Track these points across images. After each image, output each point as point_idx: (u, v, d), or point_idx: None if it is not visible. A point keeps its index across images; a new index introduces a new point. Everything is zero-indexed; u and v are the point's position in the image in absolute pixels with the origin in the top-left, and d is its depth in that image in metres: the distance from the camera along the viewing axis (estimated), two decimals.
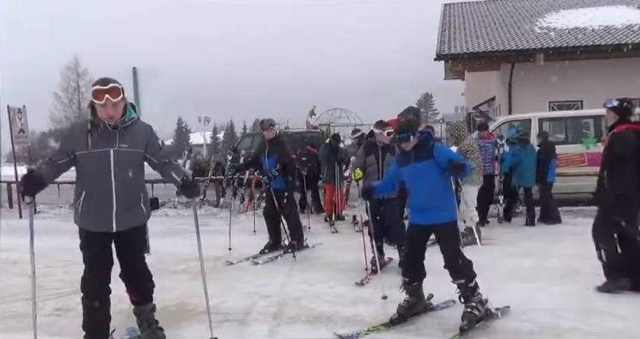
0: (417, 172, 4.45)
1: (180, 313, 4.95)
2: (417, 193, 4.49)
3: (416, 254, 4.57)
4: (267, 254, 7.25)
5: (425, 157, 4.41)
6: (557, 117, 13.21)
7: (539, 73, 18.26)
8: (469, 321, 4.20)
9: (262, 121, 7.65)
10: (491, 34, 20.23)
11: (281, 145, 7.55)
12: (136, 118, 3.89)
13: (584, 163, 11.28)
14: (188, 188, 3.86)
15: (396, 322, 4.42)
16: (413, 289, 4.60)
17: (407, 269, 4.64)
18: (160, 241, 7.26)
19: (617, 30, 18.81)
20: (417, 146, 4.48)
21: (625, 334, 4.11)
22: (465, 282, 4.33)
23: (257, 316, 4.78)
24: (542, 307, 4.75)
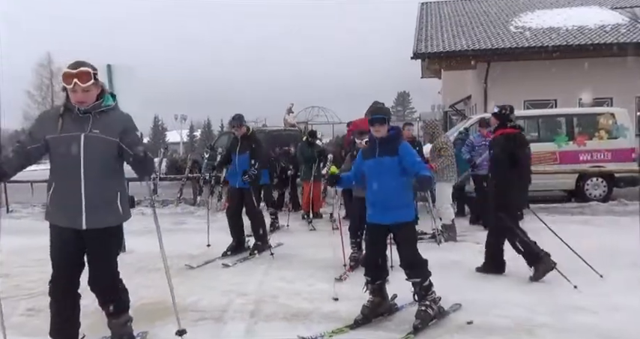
0: (379, 167, 4.39)
1: (156, 312, 4.91)
2: (377, 190, 4.41)
3: (377, 253, 4.53)
4: (230, 257, 7.01)
5: (390, 153, 4.36)
6: (531, 115, 13.39)
7: (515, 72, 18.51)
8: (423, 320, 4.23)
9: (232, 117, 7.43)
10: (467, 33, 20.44)
11: (255, 142, 7.35)
12: (113, 106, 3.64)
13: (557, 161, 11.50)
14: (138, 164, 3.44)
15: (361, 322, 4.38)
16: (376, 288, 4.56)
17: (369, 268, 4.59)
18: (137, 239, 7.19)
19: (591, 30, 19.15)
20: (384, 140, 4.42)
21: (595, 328, 4.20)
22: (420, 281, 4.34)
23: (234, 314, 4.78)
24: (517, 303, 4.84)
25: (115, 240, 3.76)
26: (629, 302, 4.75)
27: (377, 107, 4.53)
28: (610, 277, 5.55)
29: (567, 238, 7.28)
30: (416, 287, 4.37)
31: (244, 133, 7.29)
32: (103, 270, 3.66)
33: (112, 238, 3.70)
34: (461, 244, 7.33)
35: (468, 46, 19.13)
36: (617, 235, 7.67)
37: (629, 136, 11.57)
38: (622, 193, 11.54)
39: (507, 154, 5.68)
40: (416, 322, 4.20)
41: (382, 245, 4.54)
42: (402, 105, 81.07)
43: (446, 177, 7.63)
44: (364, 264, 4.70)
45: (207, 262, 6.75)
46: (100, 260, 3.64)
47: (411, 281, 4.38)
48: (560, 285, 5.29)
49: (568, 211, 10.24)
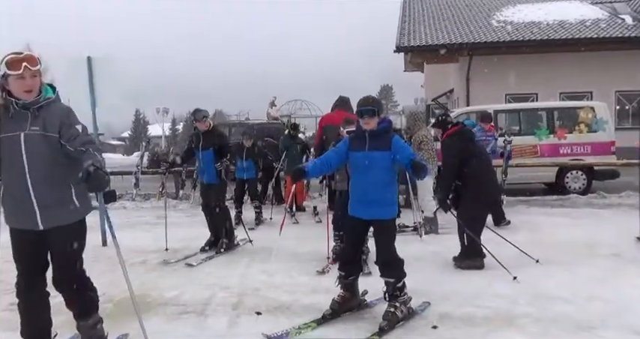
0: (368, 161, 4.18)
1: (139, 306, 4.88)
2: (363, 184, 4.25)
3: (354, 248, 4.44)
4: (203, 254, 6.88)
5: (381, 147, 4.16)
6: (512, 109, 13.52)
7: (497, 66, 18.66)
8: (389, 321, 4.11)
9: (195, 111, 7.13)
10: (449, 27, 20.54)
11: (219, 137, 7.18)
12: (53, 98, 3.36)
13: (537, 154, 11.62)
14: (88, 182, 3.06)
15: (329, 318, 4.31)
16: (348, 283, 4.47)
17: (343, 263, 4.47)
18: (118, 233, 7.00)
19: (571, 25, 19.34)
20: (375, 133, 4.21)
21: (574, 318, 4.26)
22: (394, 281, 4.23)
23: (216, 308, 4.77)
24: (498, 293, 4.89)
25: (77, 237, 3.49)
26: (606, 293, 4.82)
27: (366, 98, 4.34)
28: (588, 268, 5.64)
29: (547, 230, 7.42)
30: (389, 287, 4.26)
31: (207, 128, 7.03)
32: (66, 269, 3.44)
33: (74, 236, 3.46)
34: (442, 237, 7.37)
35: (451, 39, 19.26)
36: (596, 228, 7.78)
37: (608, 130, 11.72)
38: (601, 186, 11.70)
39: (461, 150, 5.87)
40: (382, 324, 4.09)
41: (360, 240, 4.45)
42: (386, 98, 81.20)
43: None
44: (339, 258, 4.57)
45: (187, 257, 6.69)
46: (62, 259, 3.44)
47: (384, 280, 4.29)
48: (541, 277, 5.36)
49: (548, 203, 10.36)
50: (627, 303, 4.54)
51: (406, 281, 4.35)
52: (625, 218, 8.50)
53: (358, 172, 4.30)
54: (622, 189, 11.01)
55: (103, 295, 5.15)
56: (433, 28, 20.56)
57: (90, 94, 7.35)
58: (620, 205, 10.02)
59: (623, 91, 19.08)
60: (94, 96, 7.36)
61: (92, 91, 7.35)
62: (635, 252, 6.28)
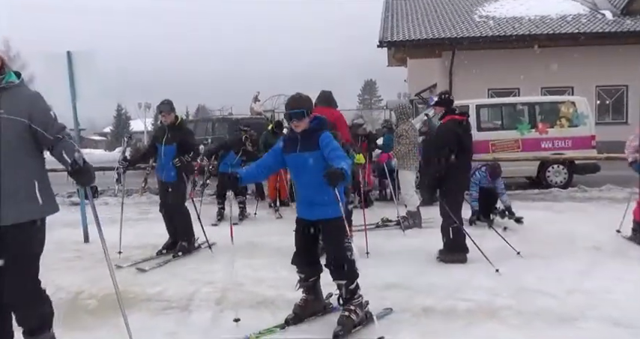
0: (301, 163, 4.04)
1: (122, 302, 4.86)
2: (303, 186, 4.15)
3: (306, 249, 4.22)
4: (158, 258, 6.45)
5: (311, 148, 3.99)
6: (494, 104, 13.61)
7: (479, 61, 18.77)
8: (344, 326, 3.93)
9: (161, 102, 6.69)
10: (432, 22, 20.60)
11: (186, 133, 6.82)
12: (16, 83, 3.15)
13: (519, 148, 11.71)
14: (78, 174, 3.04)
15: (292, 322, 4.15)
16: (310, 286, 4.29)
17: (301, 265, 4.29)
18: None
19: (552, 20, 19.50)
20: (306, 132, 4.04)
21: (555, 310, 4.32)
22: (346, 283, 4.02)
23: (200, 303, 4.76)
24: (480, 286, 4.94)
25: (33, 237, 3.13)
26: (586, 285, 4.89)
27: (294, 100, 4.06)
28: (569, 261, 5.72)
29: (528, 223, 7.50)
30: (341, 289, 4.05)
31: (172, 121, 6.64)
32: (15, 275, 3.05)
33: (29, 236, 3.11)
34: (426, 231, 7.42)
35: (433, 34, 19.32)
36: (577, 221, 7.88)
37: (588, 124, 11.85)
38: (582, 180, 11.83)
39: (456, 139, 5.80)
40: (337, 329, 3.91)
41: (312, 241, 4.23)
42: (369, 93, 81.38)
43: (406, 165, 7.69)
44: (294, 261, 4.32)
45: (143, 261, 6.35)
46: (10, 262, 3.04)
47: (336, 283, 4.09)
48: (523, 270, 5.42)
49: (529, 197, 10.45)
50: (607, 295, 4.61)
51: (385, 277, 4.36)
52: (605, 211, 8.62)
53: (295, 173, 4.21)
54: (602, 183, 11.14)
55: (83, 292, 5.16)
56: (416, 23, 20.61)
57: (70, 88, 7.27)
58: (601, 198, 10.15)
59: (604, 86, 19.32)
60: (75, 91, 7.29)
61: (72, 85, 7.28)
62: (615, 245, 6.38)
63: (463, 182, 5.96)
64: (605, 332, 3.88)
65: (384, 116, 29.75)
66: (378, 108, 48.26)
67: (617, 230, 6.86)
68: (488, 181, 7.62)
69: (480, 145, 11.57)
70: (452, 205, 5.84)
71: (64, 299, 4.96)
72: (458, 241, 5.84)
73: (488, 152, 11.58)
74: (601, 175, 11.83)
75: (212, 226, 8.30)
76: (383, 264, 5.81)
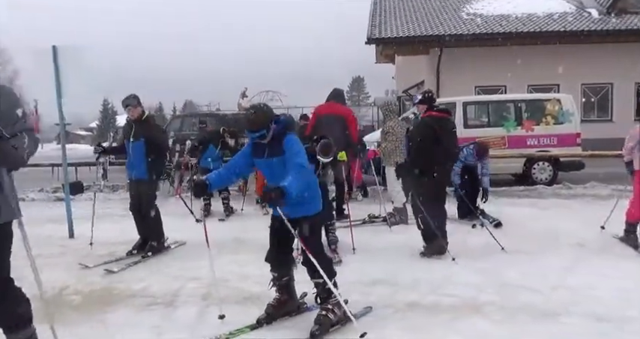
0: (270, 168, 4.02)
1: (105, 298, 4.85)
2: None
3: (280, 247, 4.17)
4: (119, 262, 6.12)
5: (277, 153, 3.93)
6: (480, 101, 13.68)
7: (466, 58, 18.85)
8: (322, 325, 3.89)
9: (126, 97, 6.33)
10: (420, 19, 20.64)
11: (153, 128, 6.46)
12: None
13: (505, 145, 11.79)
14: None
15: (264, 322, 4.08)
16: (283, 285, 4.23)
17: (274, 264, 4.23)
18: (85, 225, 7.02)
19: (539, 18, 19.63)
20: (272, 138, 3.95)
21: (538, 306, 4.37)
22: (323, 282, 3.93)
23: (186, 299, 4.76)
24: (464, 282, 4.97)
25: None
26: (570, 281, 4.94)
27: (249, 121, 3.91)
28: (553, 258, 5.76)
29: (514, 220, 7.55)
30: (318, 288, 4.03)
31: (139, 116, 6.31)
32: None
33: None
34: (412, 227, 7.43)
35: (421, 31, 19.37)
36: (562, 218, 7.94)
37: (574, 122, 11.94)
38: (567, 177, 11.93)
39: (432, 134, 5.88)
40: (313, 329, 3.87)
41: (286, 240, 4.14)
42: (357, 90, 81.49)
43: (393, 161, 7.70)
44: (268, 259, 4.26)
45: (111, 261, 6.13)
46: None
47: (313, 282, 4.05)
48: (507, 266, 5.46)
49: (515, 194, 10.53)
50: (591, 291, 4.66)
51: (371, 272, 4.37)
52: (590, 208, 8.71)
53: (268, 177, 4.13)
54: (587, 180, 11.25)
55: (67, 288, 5.13)
56: (404, 20, 20.64)
57: (55, 83, 7.20)
58: (585, 195, 10.25)
59: (589, 83, 19.49)
60: (60, 85, 7.22)
61: (58, 80, 7.21)
62: (599, 241, 6.44)
63: (441, 177, 5.96)
64: (588, 327, 3.92)
65: (371, 113, 29.75)
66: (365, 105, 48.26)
67: (601, 226, 6.91)
68: (474, 159, 7.63)
69: (466, 142, 11.64)
70: (428, 199, 5.92)
71: (49, 295, 4.91)
72: (430, 230, 5.91)
73: None
74: (585, 173, 11.95)
75: (197, 222, 8.27)
76: (369, 260, 5.83)
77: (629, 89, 19.52)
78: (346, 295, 4.62)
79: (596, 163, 12.24)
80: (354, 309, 4.11)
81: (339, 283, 4.65)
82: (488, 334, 3.86)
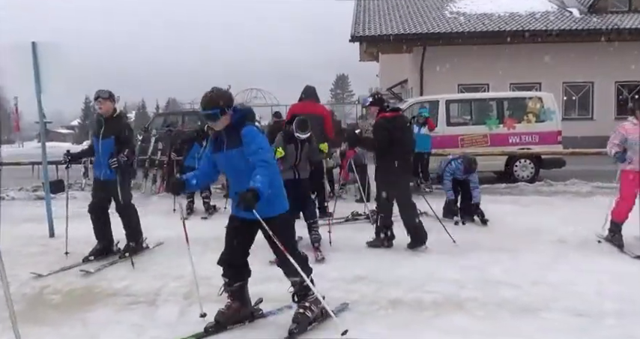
0: (230, 161, 3.79)
1: (86, 297, 4.81)
2: (236, 184, 3.83)
3: (236, 250, 3.98)
4: (94, 262, 5.90)
5: (236, 144, 3.72)
6: (463, 99, 13.78)
7: (450, 57, 18.95)
8: (300, 323, 3.82)
9: (99, 90, 6.00)
10: (404, 17, 20.72)
11: (124, 127, 6.14)
12: None
13: (488, 143, 11.88)
14: None
15: (212, 331, 3.87)
16: (236, 291, 4.02)
17: (228, 268, 4.02)
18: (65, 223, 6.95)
19: (521, 17, 19.81)
20: (230, 128, 3.76)
21: (518, 301, 4.42)
22: (300, 280, 3.84)
23: (167, 297, 4.73)
24: (446, 279, 5.00)
25: None
26: (550, 277, 5.00)
27: (205, 98, 3.75)
28: (534, 254, 5.82)
29: (496, 217, 7.61)
30: (295, 287, 3.93)
31: (110, 113, 6.00)
32: None
33: None
34: (395, 224, 7.46)
35: (405, 30, 19.44)
36: (543, 215, 8.02)
37: (555, 120, 12.07)
38: (548, 175, 12.05)
39: (387, 135, 6.07)
40: (292, 327, 3.79)
41: (244, 241, 3.97)
42: (342, 88, 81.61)
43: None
44: (222, 262, 4.06)
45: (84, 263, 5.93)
46: None
47: (290, 280, 3.94)
48: (489, 262, 5.50)
49: (497, 191, 10.60)
50: (570, 287, 4.71)
51: (354, 269, 4.37)
52: (570, 205, 8.81)
53: (228, 173, 3.95)
54: (568, 177, 11.36)
55: (48, 287, 5.08)
56: (387, 19, 20.70)
57: (35, 80, 7.11)
58: (566, 192, 10.35)
59: (570, 82, 19.71)
60: (40, 82, 7.13)
61: (37, 77, 7.11)
62: (579, 238, 6.50)
63: (399, 173, 6.15)
64: (567, 322, 3.97)
65: (355, 111, 29.84)
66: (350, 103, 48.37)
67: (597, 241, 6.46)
68: (462, 173, 7.68)
69: (450, 140, 11.73)
70: (382, 193, 6.20)
71: (29, 294, 4.88)
72: (383, 228, 6.27)
73: (458, 147, 11.73)
74: (566, 170, 12.09)
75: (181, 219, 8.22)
76: (352, 257, 5.84)
77: (610, 88, 19.78)
78: (328, 292, 4.63)
79: (576, 160, 12.38)
80: (334, 306, 4.11)
81: (321, 281, 4.67)
82: (469, 330, 3.88)
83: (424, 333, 3.85)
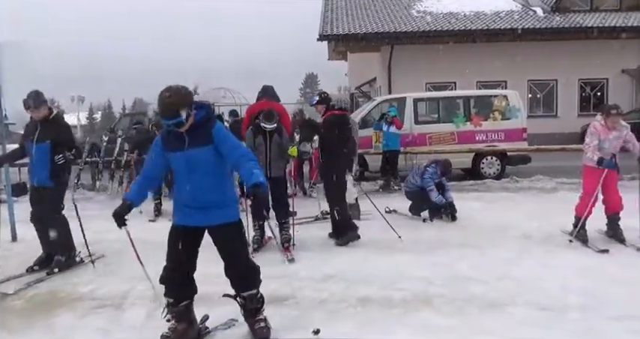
0: (192, 161, 3.47)
1: (51, 302, 4.71)
2: (191, 188, 3.51)
3: (183, 265, 3.64)
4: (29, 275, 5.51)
5: (202, 142, 3.46)
6: (430, 97, 13.91)
7: (417, 55, 19.12)
8: (267, 337, 3.65)
9: (27, 96, 5.55)
10: (371, 16, 20.81)
11: (61, 128, 5.74)
12: None
13: (455, 141, 12.02)
14: None
15: None
16: (180, 311, 3.65)
17: (171, 286, 3.65)
18: (28, 227, 6.76)
19: (487, 16, 20.09)
20: (194, 126, 3.48)
21: (486, 296, 4.49)
22: (255, 293, 3.67)
23: (134, 301, 4.66)
24: (415, 276, 5.03)
25: None
26: (516, 272, 5.09)
27: (165, 107, 3.38)
28: (500, 250, 5.92)
29: (463, 213, 7.70)
30: (248, 302, 3.67)
31: (45, 115, 5.58)
32: None
33: None
34: (364, 223, 7.49)
35: (372, 29, 19.52)
36: (508, 211, 8.14)
37: (520, 117, 12.28)
38: (514, 171, 12.26)
39: (334, 131, 6.34)
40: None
41: (193, 254, 3.68)
42: (311, 87, 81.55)
43: None
44: (165, 280, 3.68)
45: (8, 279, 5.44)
46: None
47: (244, 294, 3.68)
48: (456, 259, 5.57)
49: (464, 188, 10.74)
50: (535, 281, 4.81)
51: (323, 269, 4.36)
52: (535, 201, 8.98)
53: (182, 174, 3.56)
54: (533, 173, 11.58)
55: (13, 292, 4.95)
56: (355, 17, 20.77)
57: None
58: (531, 188, 10.55)
59: (535, 80, 20.08)
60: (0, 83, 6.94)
61: None
62: (543, 233, 6.63)
63: (344, 168, 6.51)
64: (532, 316, 4.04)
65: None
66: None
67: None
68: (438, 177, 7.73)
69: (418, 138, 11.84)
70: (336, 189, 6.40)
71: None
72: (344, 222, 6.36)
73: (426, 145, 11.86)
74: (532, 166, 12.33)
75: (149, 221, 8.13)
76: (321, 256, 5.85)
77: (573, 85, 20.22)
78: (298, 291, 4.64)
79: (541, 157, 12.62)
80: (307, 305, 4.12)
81: (291, 281, 4.67)
82: (438, 326, 3.92)
83: (393, 330, 3.88)
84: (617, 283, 4.69)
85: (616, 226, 6.22)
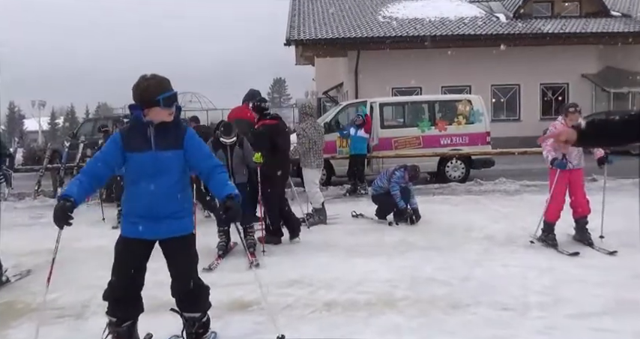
0: (156, 164, 3.15)
1: (9, 313, 4.58)
2: (148, 195, 3.17)
3: (132, 281, 3.35)
4: None
5: (173, 145, 3.19)
6: (396, 102, 14.04)
7: (383, 61, 19.31)
8: None
9: None
10: (338, 21, 20.93)
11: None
12: None
13: (420, 145, 12.15)
14: None
15: None
16: (122, 332, 3.37)
17: (114, 305, 3.35)
18: None
19: (451, 22, 20.42)
20: (164, 125, 3.20)
21: (449, 298, 4.54)
22: (200, 316, 3.40)
23: (96, 309, 4.54)
24: (379, 279, 5.08)
25: None
26: (479, 273, 5.17)
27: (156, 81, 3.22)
28: (464, 252, 6.00)
29: (428, 216, 7.78)
30: (191, 323, 3.39)
31: None
32: None
33: None
34: (331, 227, 7.53)
35: (339, 34, 19.64)
36: (472, 213, 8.27)
37: (484, 121, 12.48)
38: (478, 174, 12.44)
39: (268, 140, 6.52)
40: None
41: (142, 269, 3.39)
42: (279, 92, 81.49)
43: (307, 162, 7.69)
44: (109, 297, 3.39)
45: None
46: None
47: (187, 316, 3.39)
48: (420, 261, 5.62)
49: (430, 191, 10.85)
50: (497, 282, 4.90)
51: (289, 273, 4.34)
52: (498, 203, 9.12)
53: (141, 178, 3.21)
54: (496, 176, 11.78)
55: None
56: (322, 22, 20.86)
57: None
58: (495, 191, 10.72)
59: (498, 84, 20.47)
60: None
61: None
62: (505, 234, 6.74)
63: (279, 174, 6.69)
64: (494, 316, 4.11)
65: (292, 115, 29.87)
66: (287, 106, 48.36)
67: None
68: (405, 181, 7.77)
69: (384, 142, 11.94)
70: (271, 195, 6.56)
71: None
72: (275, 226, 6.66)
73: (391, 149, 11.95)
74: (495, 169, 12.55)
75: (113, 228, 7.99)
76: (286, 261, 5.84)
77: (535, 90, 20.68)
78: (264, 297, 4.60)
79: (505, 160, 12.84)
80: (272, 311, 4.08)
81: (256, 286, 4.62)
82: (402, 327, 3.95)
83: (358, 333, 3.89)
84: (578, 283, 4.79)
85: (584, 229, 6.23)
